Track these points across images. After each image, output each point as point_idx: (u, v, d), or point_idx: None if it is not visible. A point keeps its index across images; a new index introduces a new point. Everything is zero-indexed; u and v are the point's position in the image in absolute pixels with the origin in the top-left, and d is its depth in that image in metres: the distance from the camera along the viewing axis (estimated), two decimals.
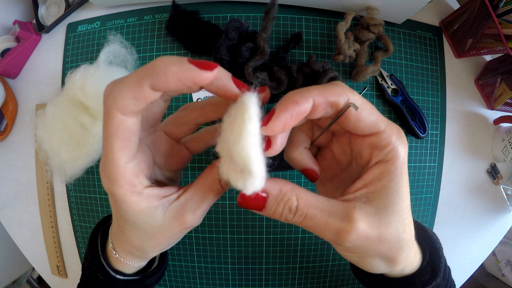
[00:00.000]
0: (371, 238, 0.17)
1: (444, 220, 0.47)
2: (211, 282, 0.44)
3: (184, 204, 0.19)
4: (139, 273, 0.26)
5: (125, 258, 0.23)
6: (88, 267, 0.25)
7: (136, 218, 0.18)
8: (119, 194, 0.17)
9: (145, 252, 0.22)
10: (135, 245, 0.21)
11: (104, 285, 0.24)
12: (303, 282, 0.44)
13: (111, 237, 0.24)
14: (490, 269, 0.99)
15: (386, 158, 0.18)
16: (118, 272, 0.24)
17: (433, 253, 0.23)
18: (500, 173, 0.50)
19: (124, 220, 0.19)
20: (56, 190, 0.47)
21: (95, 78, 0.37)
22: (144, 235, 0.20)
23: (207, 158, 0.41)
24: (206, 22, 0.41)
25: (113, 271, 0.24)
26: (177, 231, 0.20)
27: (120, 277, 0.24)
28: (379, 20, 0.40)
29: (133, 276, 0.25)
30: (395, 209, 0.18)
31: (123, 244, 0.22)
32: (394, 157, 0.18)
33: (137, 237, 0.20)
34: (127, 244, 0.22)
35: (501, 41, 0.39)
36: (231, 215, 0.42)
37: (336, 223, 0.17)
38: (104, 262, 0.24)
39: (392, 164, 0.18)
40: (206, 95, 0.41)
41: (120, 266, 0.24)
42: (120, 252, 0.23)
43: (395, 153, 0.18)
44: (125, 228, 0.20)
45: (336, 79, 0.37)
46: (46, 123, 0.39)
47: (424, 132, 0.43)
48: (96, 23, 0.45)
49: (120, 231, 0.21)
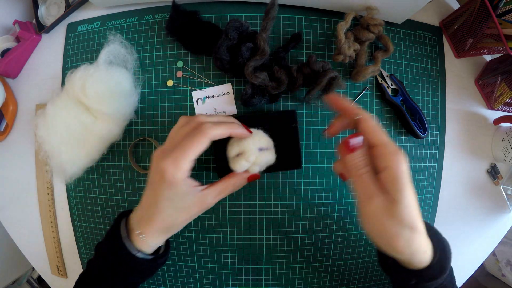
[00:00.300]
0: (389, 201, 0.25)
1: (444, 220, 0.47)
2: (211, 282, 0.44)
3: (207, 194, 0.30)
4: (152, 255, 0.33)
5: (151, 239, 0.31)
6: (109, 247, 0.32)
7: (177, 198, 0.29)
8: (178, 177, 0.27)
9: (171, 229, 0.31)
10: (167, 222, 0.30)
11: (124, 260, 0.30)
12: (303, 282, 0.44)
13: (138, 225, 0.31)
14: (490, 269, 0.99)
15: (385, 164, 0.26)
16: (139, 251, 0.31)
17: (443, 254, 0.27)
18: (500, 173, 0.50)
19: (167, 199, 0.29)
20: (56, 190, 0.47)
21: (95, 78, 0.37)
22: (175, 213, 0.30)
23: (207, 158, 0.41)
24: (206, 22, 0.41)
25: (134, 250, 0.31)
26: (197, 210, 0.30)
27: (140, 255, 0.31)
28: (379, 20, 0.40)
29: (148, 256, 0.32)
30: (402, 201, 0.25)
31: (157, 223, 0.30)
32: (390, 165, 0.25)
33: (170, 215, 0.30)
34: (160, 223, 0.30)
35: (501, 41, 0.39)
36: (231, 215, 0.42)
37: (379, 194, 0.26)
38: (128, 243, 0.31)
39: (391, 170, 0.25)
40: (206, 95, 0.41)
41: (142, 246, 0.31)
42: (149, 234, 0.30)
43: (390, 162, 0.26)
44: (164, 208, 0.29)
45: (336, 79, 0.37)
46: (46, 123, 0.39)
47: (424, 132, 0.43)
48: (96, 23, 0.45)
49: (156, 214, 0.30)
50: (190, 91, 0.42)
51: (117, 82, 0.38)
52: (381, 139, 0.27)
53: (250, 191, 0.42)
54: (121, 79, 0.39)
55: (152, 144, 0.42)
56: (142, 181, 0.43)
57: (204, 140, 0.28)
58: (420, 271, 0.27)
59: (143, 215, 0.31)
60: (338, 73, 0.38)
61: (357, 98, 0.43)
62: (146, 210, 0.31)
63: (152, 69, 0.42)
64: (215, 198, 0.31)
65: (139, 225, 0.31)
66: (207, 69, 0.42)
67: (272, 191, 0.42)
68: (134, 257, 0.30)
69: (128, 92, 0.40)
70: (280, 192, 0.42)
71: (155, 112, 0.42)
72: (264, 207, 0.42)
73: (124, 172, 0.43)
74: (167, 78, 0.42)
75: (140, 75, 0.42)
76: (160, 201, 0.29)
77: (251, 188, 0.42)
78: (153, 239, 0.31)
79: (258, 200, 0.42)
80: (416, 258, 0.26)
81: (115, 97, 0.38)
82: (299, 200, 0.42)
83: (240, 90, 0.41)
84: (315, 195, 0.42)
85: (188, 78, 0.42)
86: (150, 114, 0.42)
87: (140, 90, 0.42)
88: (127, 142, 0.43)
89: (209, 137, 0.28)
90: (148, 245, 0.31)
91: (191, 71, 0.42)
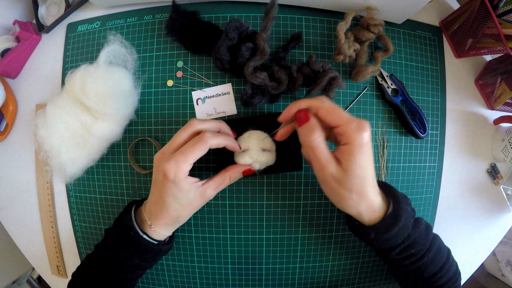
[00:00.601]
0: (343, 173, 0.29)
1: (444, 220, 0.47)
2: (211, 282, 0.44)
3: (206, 187, 0.34)
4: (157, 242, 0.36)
5: (160, 229, 0.35)
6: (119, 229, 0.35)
7: (180, 194, 0.32)
8: (179, 177, 0.31)
9: (178, 221, 0.35)
10: (173, 216, 0.34)
11: (132, 240, 0.34)
12: (303, 282, 0.44)
13: (150, 217, 0.35)
14: (490, 269, 0.99)
15: (346, 141, 0.29)
16: (145, 234, 0.35)
17: (397, 207, 0.31)
18: (500, 173, 0.50)
19: (172, 196, 0.32)
20: (56, 190, 0.47)
21: (95, 78, 0.37)
22: (180, 208, 0.33)
23: (207, 159, 0.41)
24: (206, 22, 0.41)
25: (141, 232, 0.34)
26: (200, 203, 0.34)
27: (146, 237, 0.34)
28: (379, 20, 0.40)
29: (153, 241, 0.35)
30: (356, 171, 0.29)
31: (164, 218, 0.34)
32: (351, 141, 0.29)
33: (175, 210, 0.33)
34: (167, 217, 0.34)
35: (501, 41, 0.39)
36: (231, 215, 0.42)
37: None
38: (136, 226, 0.34)
39: (350, 146, 0.29)
40: (206, 95, 0.41)
41: (151, 234, 0.35)
42: (158, 226, 0.35)
43: (351, 139, 0.29)
44: (170, 204, 0.33)
45: (336, 79, 0.37)
46: (46, 123, 0.39)
47: (424, 132, 0.43)
48: (96, 23, 0.45)
49: (163, 209, 0.33)
50: (190, 91, 0.42)
51: (117, 82, 0.38)
52: (341, 118, 0.29)
53: (250, 191, 0.42)
54: (121, 79, 0.39)
55: (152, 144, 0.42)
56: (142, 181, 0.43)
57: (204, 147, 0.31)
58: (374, 225, 0.31)
59: (152, 210, 0.35)
60: (338, 73, 0.38)
61: (357, 98, 0.43)
62: (154, 206, 0.34)
63: (152, 69, 0.42)
64: (215, 190, 0.35)
65: (150, 217, 0.35)
66: (207, 69, 0.42)
67: (272, 191, 0.42)
68: (141, 237, 0.34)
69: (128, 92, 0.40)
70: (280, 192, 0.42)
71: (155, 112, 0.42)
72: (264, 207, 0.42)
73: (124, 172, 0.43)
74: (167, 78, 0.42)
75: (140, 75, 0.42)
76: (165, 198, 0.33)
77: (251, 188, 0.42)
78: (161, 230, 0.35)
79: (258, 200, 0.42)
80: (365, 216, 0.31)
81: (115, 97, 0.38)
82: (299, 200, 0.42)
83: (240, 90, 0.41)
84: (315, 195, 0.42)
85: (188, 78, 0.42)
86: (150, 114, 0.42)
87: (140, 90, 0.42)
88: (127, 142, 0.43)
89: (208, 146, 0.31)
90: (158, 234, 0.35)
91: (191, 71, 0.42)
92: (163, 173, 0.31)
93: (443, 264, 0.34)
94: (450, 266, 0.35)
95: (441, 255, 0.34)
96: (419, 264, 0.33)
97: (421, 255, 0.33)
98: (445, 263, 0.34)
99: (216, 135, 0.32)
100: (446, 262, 0.34)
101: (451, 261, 0.35)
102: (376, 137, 0.43)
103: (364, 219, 0.32)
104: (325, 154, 0.30)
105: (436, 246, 0.34)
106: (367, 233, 0.32)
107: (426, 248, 0.33)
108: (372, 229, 0.31)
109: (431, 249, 0.33)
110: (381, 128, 0.43)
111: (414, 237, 0.32)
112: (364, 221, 0.32)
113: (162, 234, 0.35)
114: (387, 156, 0.43)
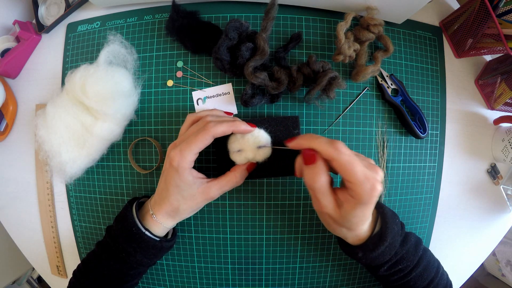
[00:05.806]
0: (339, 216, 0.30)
1: (444, 220, 0.47)
2: (211, 282, 0.44)
3: (211, 185, 0.34)
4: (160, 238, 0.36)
5: (161, 219, 0.35)
6: (121, 225, 0.35)
7: (183, 185, 0.32)
8: (183, 166, 0.31)
9: (179, 212, 0.34)
10: (175, 206, 0.34)
11: (134, 236, 0.34)
12: (303, 282, 0.44)
13: (153, 207, 0.35)
14: (490, 269, 0.99)
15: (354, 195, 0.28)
16: (148, 230, 0.35)
17: (384, 227, 0.32)
18: (500, 173, 0.50)
19: (175, 186, 0.33)
20: (56, 190, 0.47)
21: (95, 78, 0.37)
22: (182, 199, 0.33)
23: (207, 159, 0.41)
24: (206, 22, 0.41)
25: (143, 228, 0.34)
26: (202, 200, 0.34)
27: (148, 233, 0.34)
28: (379, 20, 0.40)
29: (156, 238, 0.35)
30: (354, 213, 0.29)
31: (166, 207, 0.34)
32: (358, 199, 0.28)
33: (177, 200, 0.34)
34: (169, 207, 0.34)
35: (501, 41, 0.39)
36: (231, 215, 0.42)
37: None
38: (138, 222, 0.34)
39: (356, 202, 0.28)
40: (206, 95, 0.41)
41: (153, 227, 0.35)
42: (159, 215, 0.35)
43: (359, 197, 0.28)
44: (172, 193, 0.33)
45: (336, 79, 0.37)
46: (46, 123, 0.39)
47: (424, 132, 0.43)
48: (96, 23, 0.45)
49: (165, 198, 0.34)
50: (190, 91, 0.42)
51: (117, 82, 0.38)
52: (355, 177, 0.27)
53: (250, 191, 0.42)
54: (121, 79, 0.39)
55: (152, 144, 0.42)
56: (142, 181, 0.43)
57: (207, 137, 0.31)
58: (361, 245, 0.33)
59: (156, 199, 0.35)
60: (338, 73, 0.38)
61: (357, 98, 0.43)
62: (159, 195, 0.35)
63: (152, 69, 0.42)
64: (219, 191, 0.34)
65: (153, 206, 0.35)
66: (207, 69, 0.42)
67: (272, 191, 0.42)
68: (143, 234, 0.34)
69: (128, 92, 0.40)
70: (280, 192, 0.42)
71: (155, 112, 0.42)
72: (264, 207, 0.42)
73: (124, 172, 0.43)
74: (167, 78, 0.42)
75: (140, 75, 0.42)
76: (168, 187, 0.33)
77: (251, 188, 0.42)
78: (162, 220, 0.35)
79: (258, 200, 0.42)
80: (351, 242, 0.33)
81: (115, 97, 0.38)
82: (299, 200, 0.42)
83: (240, 90, 0.41)
84: None
85: (188, 78, 0.42)
86: (150, 114, 0.42)
87: (140, 90, 0.42)
88: (127, 142, 0.43)
89: (212, 135, 0.31)
90: (159, 226, 0.35)
91: (191, 71, 0.42)
92: (169, 161, 0.32)
93: (431, 279, 0.35)
94: (439, 280, 0.35)
95: (430, 270, 0.35)
96: (407, 279, 0.34)
97: (408, 271, 0.34)
98: (433, 278, 0.35)
99: (219, 123, 0.32)
100: (435, 277, 0.35)
101: (441, 275, 0.36)
102: (376, 137, 0.43)
103: (350, 242, 0.33)
104: (326, 198, 0.29)
105: (425, 261, 0.35)
106: (355, 252, 0.33)
107: (413, 264, 0.34)
108: (360, 248, 0.33)
109: (419, 265, 0.34)
110: (381, 128, 0.43)
111: (402, 253, 0.33)
112: (350, 243, 0.34)
113: (163, 226, 0.35)
114: (387, 156, 0.43)
